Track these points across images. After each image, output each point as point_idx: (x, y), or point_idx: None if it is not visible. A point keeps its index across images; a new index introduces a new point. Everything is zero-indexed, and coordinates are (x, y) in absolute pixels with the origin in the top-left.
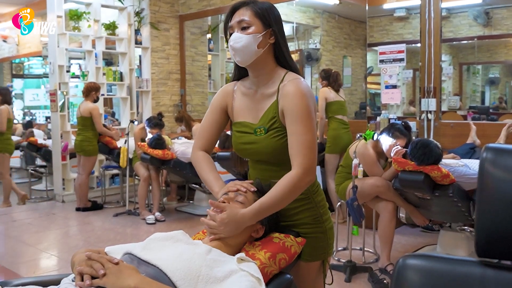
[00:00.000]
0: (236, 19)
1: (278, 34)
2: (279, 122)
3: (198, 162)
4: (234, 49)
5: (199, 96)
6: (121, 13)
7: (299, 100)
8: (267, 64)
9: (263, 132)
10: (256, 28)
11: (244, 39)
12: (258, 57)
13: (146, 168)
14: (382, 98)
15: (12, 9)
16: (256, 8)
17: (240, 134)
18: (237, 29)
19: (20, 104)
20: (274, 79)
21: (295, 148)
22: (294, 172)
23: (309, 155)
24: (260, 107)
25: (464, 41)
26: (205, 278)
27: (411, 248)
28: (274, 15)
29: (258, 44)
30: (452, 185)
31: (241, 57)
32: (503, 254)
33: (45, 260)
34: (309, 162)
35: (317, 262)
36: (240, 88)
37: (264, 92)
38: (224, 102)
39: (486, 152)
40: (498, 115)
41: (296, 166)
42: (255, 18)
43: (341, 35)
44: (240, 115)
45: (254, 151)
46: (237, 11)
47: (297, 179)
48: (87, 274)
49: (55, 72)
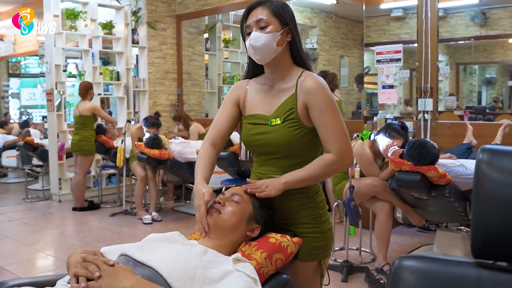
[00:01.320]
0: (254, 18)
1: (295, 33)
2: (296, 114)
3: (199, 156)
4: (254, 48)
5: (196, 95)
6: (118, 12)
7: (323, 93)
8: (284, 61)
9: (279, 122)
10: (274, 27)
11: (263, 38)
12: (276, 55)
13: (143, 168)
14: (379, 98)
15: (9, 8)
16: (273, 7)
17: (252, 125)
18: (255, 28)
19: (17, 104)
20: (291, 74)
21: (329, 136)
22: (330, 155)
23: (344, 141)
24: (276, 100)
25: (461, 41)
26: (201, 279)
27: (407, 248)
28: (289, 13)
29: (277, 42)
30: (449, 185)
31: (261, 55)
32: (499, 255)
33: (42, 260)
34: (344, 147)
35: (314, 262)
36: (254, 84)
37: (281, 87)
38: (237, 97)
39: (482, 153)
40: (495, 115)
41: (333, 151)
42: (273, 17)
43: (338, 35)
44: (252, 109)
45: (265, 141)
46: (253, 10)
47: (333, 161)
48: (83, 276)
49: (51, 71)
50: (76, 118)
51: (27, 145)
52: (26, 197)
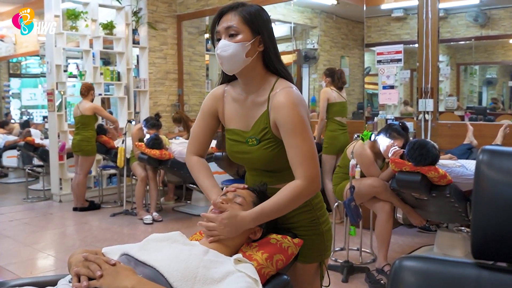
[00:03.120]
0: (224, 24)
1: (268, 40)
2: (271, 133)
3: (194, 168)
4: (221, 57)
5: (196, 96)
6: (119, 12)
7: (291, 112)
8: (256, 71)
9: (255, 142)
10: (245, 35)
11: (231, 47)
12: (246, 65)
13: (143, 168)
14: (380, 99)
15: (9, 8)
16: (245, 14)
17: (233, 142)
18: (224, 36)
19: (18, 104)
20: (265, 86)
21: (296, 160)
22: (298, 182)
23: (311, 165)
24: (251, 114)
25: (461, 42)
26: (202, 279)
27: (408, 248)
28: (263, 20)
29: (246, 53)
30: (449, 186)
31: (229, 66)
32: (499, 256)
33: (42, 260)
34: (312, 171)
35: (314, 263)
36: (230, 92)
37: (255, 100)
38: (214, 107)
39: (482, 154)
40: (495, 116)
41: (299, 177)
42: (244, 25)
43: (339, 35)
44: (231, 122)
45: (248, 160)
46: (224, 15)
47: (300, 189)
48: (84, 275)
49: (52, 71)
50: (77, 118)
51: (28, 145)
52: (26, 197)
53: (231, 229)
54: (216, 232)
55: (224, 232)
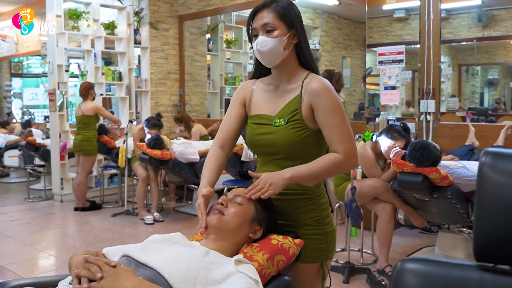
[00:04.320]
0: (260, 22)
1: (301, 32)
2: (300, 115)
3: (208, 158)
4: (261, 52)
5: (198, 96)
6: (120, 12)
7: (329, 95)
8: (291, 63)
9: (282, 122)
10: (281, 30)
11: (270, 42)
12: (284, 58)
13: (144, 168)
14: (381, 99)
15: (11, 8)
16: (279, 9)
17: (256, 125)
18: (261, 32)
19: (19, 103)
20: (297, 76)
21: (336, 138)
22: (336, 155)
23: (351, 142)
24: (281, 101)
25: (463, 43)
26: (203, 280)
27: (409, 249)
28: (295, 14)
29: (283, 46)
30: (451, 187)
31: (268, 60)
32: (502, 259)
33: (43, 260)
34: (351, 147)
35: (316, 264)
36: (260, 85)
37: (286, 88)
38: (243, 97)
39: (485, 156)
40: (497, 117)
41: (340, 152)
42: (279, 21)
43: (341, 35)
44: (257, 109)
45: (268, 142)
46: (259, 12)
47: (339, 160)
48: (85, 277)
49: (54, 71)
50: (79, 118)
51: (29, 145)
52: (28, 197)
53: (274, 181)
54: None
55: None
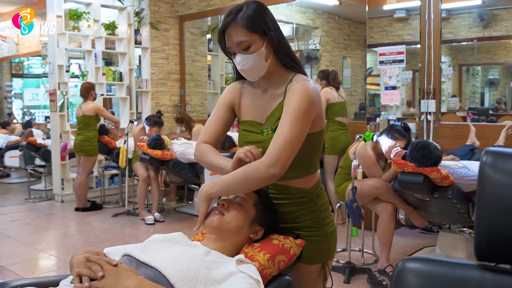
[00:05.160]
0: (233, 41)
1: (276, 36)
2: None
3: (203, 151)
4: (244, 71)
5: (198, 96)
6: (121, 13)
7: (299, 98)
8: (275, 68)
9: (270, 132)
10: (256, 44)
11: (250, 59)
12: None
13: (145, 169)
14: (382, 99)
15: (12, 9)
16: (246, 22)
17: (246, 133)
18: (238, 50)
19: (20, 104)
20: (283, 80)
21: (274, 138)
22: (257, 162)
23: (283, 150)
24: (268, 106)
25: (463, 43)
26: (204, 280)
27: (410, 249)
28: (265, 19)
29: (264, 58)
30: (451, 187)
31: (253, 76)
32: (503, 258)
33: (44, 260)
34: (280, 155)
35: (317, 265)
36: (248, 87)
37: (273, 93)
38: (231, 100)
39: (486, 156)
40: (498, 117)
41: (265, 155)
42: (251, 34)
43: (341, 36)
44: (247, 114)
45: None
46: (227, 30)
47: (258, 166)
48: (86, 276)
49: (54, 72)
50: (79, 119)
51: (30, 145)
52: (28, 197)
53: (199, 200)
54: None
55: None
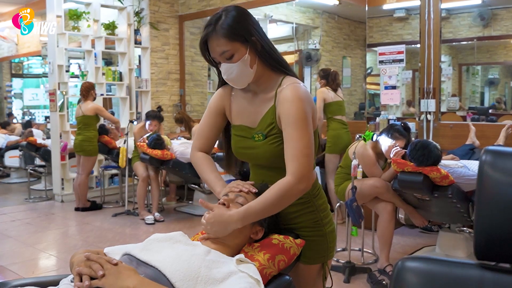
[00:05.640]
0: (216, 50)
1: (259, 40)
2: (277, 128)
3: (199, 163)
4: (231, 80)
5: (198, 96)
6: (121, 13)
7: (295, 105)
8: (262, 72)
9: (261, 138)
10: (239, 52)
11: (235, 68)
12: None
13: (145, 168)
14: (382, 99)
15: (12, 9)
16: (225, 31)
17: (239, 138)
18: (222, 60)
19: (20, 104)
20: (272, 83)
21: (290, 153)
22: (286, 179)
23: (303, 162)
24: (259, 110)
25: (463, 42)
26: (204, 279)
27: (410, 249)
28: (244, 26)
29: (250, 64)
30: (451, 186)
31: (240, 84)
32: (503, 257)
33: (44, 260)
34: (303, 169)
35: (316, 264)
36: (238, 91)
37: (263, 97)
38: (221, 105)
39: (485, 155)
40: (497, 116)
41: (289, 173)
42: (232, 43)
43: (341, 35)
44: (238, 118)
45: (253, 156)
46: (208, 41)
47: (288, 186)
48: (86, 275)
49: (54, 71)
50: (79, 119)
51: (30, 145)
52: (28, 197)
53: (218, 228)
54: (205, 230)
55: (211, 231)
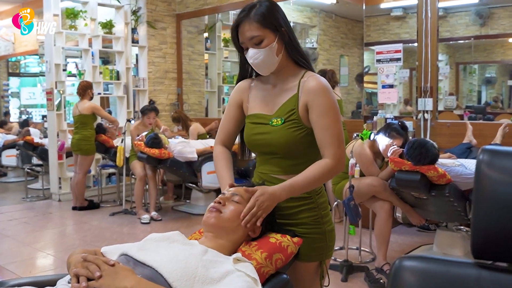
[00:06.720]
0: (245, 36)
1: (288, 32)
2: (297, 115)
3: (216, 157)
4: (256, 65)
5: (196, 95)
6: (118, 11)
7: (325, 95)
8: (286, 64)
9: (279, 122)
10: (268, 39)
11: (262, 54)
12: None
13: (142, 167)
14: (379, 98)
15: (8, 8)
16: (259, 18)
17: (254, 125)
18: (250, 45)
19: (17, 103)
20: (294, 75)
21: (326, 140)
22: (327, 161)
23: (340, 146)
24: (278, 100)
25: (460, 41)
26: (201, 279)
27: (407, 247)
28: (277, 17)
29: (275, 53)
30: (449, 185)
31: (265, 70)
32: (499, 256)
33: (41, 259)
34: (340, 153)
35: (314, 262)
36: (258, 83)
37: (283, 87)
38: (239, 99)
39: (482, 154)
40: (495, 115)
41: (328, 156)
42: (263, 29)
43: (338, 34)
44: (255, 108)
45: (266, 142)
46: (240, 26)
47: (330, 167)
48: (83, 276)
49: (51, 70)
50: (76, 118)
51: (27, 144)
52: (26, 196)
53: (270, 203)
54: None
55: (263, 207)
